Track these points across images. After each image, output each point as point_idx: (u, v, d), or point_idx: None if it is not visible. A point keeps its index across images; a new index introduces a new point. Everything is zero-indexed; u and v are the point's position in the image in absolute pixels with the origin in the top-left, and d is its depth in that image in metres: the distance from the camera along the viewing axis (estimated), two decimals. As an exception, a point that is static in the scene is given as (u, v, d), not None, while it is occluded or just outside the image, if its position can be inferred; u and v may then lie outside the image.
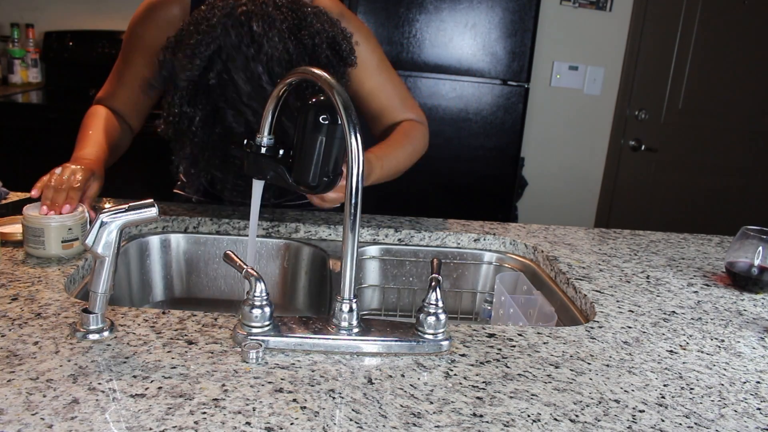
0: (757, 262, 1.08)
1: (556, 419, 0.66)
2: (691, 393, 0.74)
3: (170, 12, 1.17)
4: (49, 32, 3.02)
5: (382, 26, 2.64)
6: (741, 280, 1.11)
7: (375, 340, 0.76)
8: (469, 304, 1.30)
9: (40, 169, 1.04)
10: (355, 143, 0.72)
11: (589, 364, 0.79)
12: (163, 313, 0.81)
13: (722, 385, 0.77)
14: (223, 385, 0.66)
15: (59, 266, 0.93)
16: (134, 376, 0.66)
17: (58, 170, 1.02)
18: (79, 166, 1.03)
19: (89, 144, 1.15)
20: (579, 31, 3.11)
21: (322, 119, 0.85)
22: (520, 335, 0.85)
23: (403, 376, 0.72)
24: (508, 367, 0.76)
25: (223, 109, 1.04)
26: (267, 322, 0.75)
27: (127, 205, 0.72)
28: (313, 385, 0.68)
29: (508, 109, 2.78)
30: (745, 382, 0.78)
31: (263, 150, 0.87)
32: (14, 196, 1.22)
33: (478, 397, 0.69)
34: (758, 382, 0.78)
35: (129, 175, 1.91)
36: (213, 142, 1.08)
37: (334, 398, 0.66)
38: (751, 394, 0.75)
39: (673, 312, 0.98)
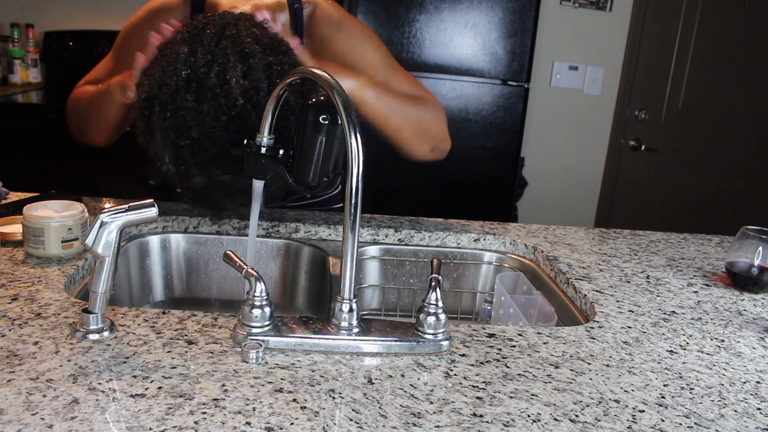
0: (757, 262, 1.08)
1: (556, 419, 0.66)
2: (691, 393, 0.74)
3: (170, 19, 1.16)
4: (49, 32, 3.02)
5: (382, 26, 2.64)
6: (741, 280, 1.11)
7: (375, 340, 0.76)
8: (469, 304, 1.30)
9: (40, 169, 1.03)
10: (355, 143, 0.72)
11: (589, 364, 0.79)
12: (163, 313, 0.81)
13: (722, 385, 0.77)
14: (223, 385, 0.66)
15: (59, 266, 0.93)
16: (134, 376, 0.66)
17: None
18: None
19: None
20: (579, 31, 3.11)
21: (322, 119, 0.85)
22: (520, 335, 0.85)
23: (403, 376, 0.72)
24: (508, 367, 0.76)
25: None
26: (267, 322, 0.75)
27: (127, 205, 0.72)
28: (313, 385, 0.68)
29: (508, 109, 2.78)
30: (745, 382, 0.78)
31: (263, 150, 0.87)
32: (14, 196, 1.22)
33: (478, 397, 0.69)
34: (758, 382, 0.78)
35: (129, 175, 1.91)
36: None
37: (334, 398, 0.66)
38: (751, 394, 0.75)
39: (673, 312, 0.98)
